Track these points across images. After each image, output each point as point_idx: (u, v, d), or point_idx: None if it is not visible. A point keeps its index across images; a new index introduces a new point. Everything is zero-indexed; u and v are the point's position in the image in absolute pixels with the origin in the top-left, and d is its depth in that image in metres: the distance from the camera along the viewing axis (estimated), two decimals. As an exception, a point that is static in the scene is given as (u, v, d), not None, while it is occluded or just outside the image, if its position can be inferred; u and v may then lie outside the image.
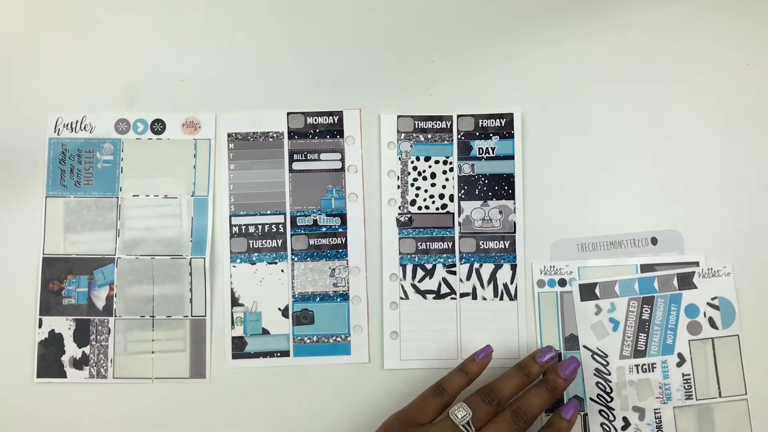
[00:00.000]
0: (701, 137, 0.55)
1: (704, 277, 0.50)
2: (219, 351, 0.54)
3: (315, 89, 0.56)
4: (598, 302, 0.50)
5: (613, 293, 0.50)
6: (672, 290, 0.50)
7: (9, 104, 0.55)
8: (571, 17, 0.56)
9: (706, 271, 0.50)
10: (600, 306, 0.50)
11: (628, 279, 0.50)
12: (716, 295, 0.50)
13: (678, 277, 0.50)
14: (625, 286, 0.50)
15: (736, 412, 0.50)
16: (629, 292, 0.50)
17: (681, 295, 0.50)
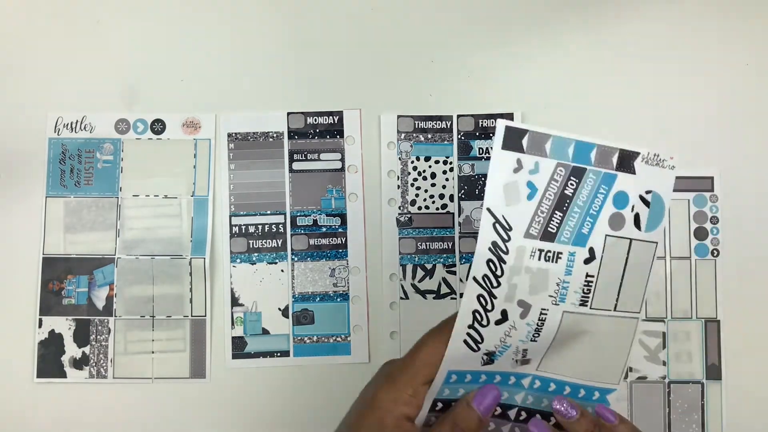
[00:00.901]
0: (701, 137, 0.55)
1: (647, 163, 0.41)
2: (219, 351, 0.54)
3: (315, 89, 0.56)
4: (521, 156, 0.38)
5: (542, 150, 0.39)
6: (608, 167, 0.40)
7: (9, 104, 0.55)
8: (571, 17, 0.56)
9: (651, 158, 0.41)
10: (522, 162, 0.38)
11: (563, 137, 0.39)
12: (651, 188, 0.42)
13: (620, 155, 0.41)
14: (558, 147, 0.39)
15: (624, 330, 0.42)
16: (561, 155, 0.39)
17: (615, 177, 0.41)
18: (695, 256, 0.54)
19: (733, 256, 0.54)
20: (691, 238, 0.54)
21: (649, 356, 0.54)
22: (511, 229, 0.38)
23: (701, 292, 0.54)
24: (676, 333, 0.54)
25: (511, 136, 0.38)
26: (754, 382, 0.53)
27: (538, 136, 0.38)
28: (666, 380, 0.53)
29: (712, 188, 0.55)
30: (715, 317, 0.54)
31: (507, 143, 0.38)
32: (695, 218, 0.54)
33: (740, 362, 0.53)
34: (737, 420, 0.53)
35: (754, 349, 0.54)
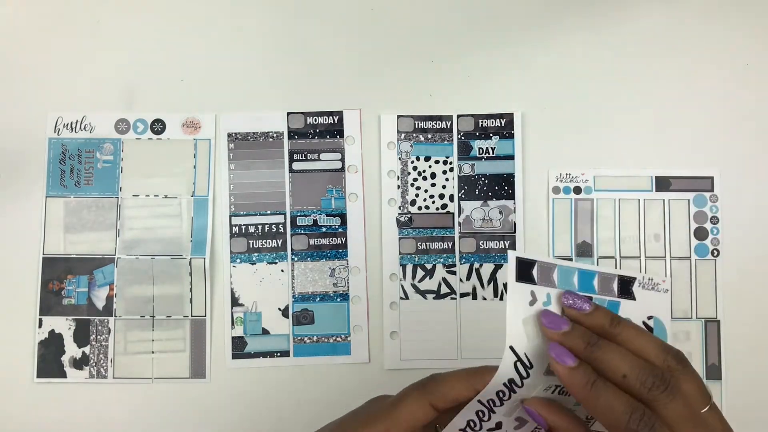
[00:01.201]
0: (701, 137, 0.55)
1: (644, 288, 0.41)
2: (219, 351, 0.54)
3: (315, 89, 0.56)
4: (534, 288, 0.37)
5: (551, 281, 0.38)
6: (611, 295, 0.40)
7: (9, 104, 0.55)
8: (571, 17, 0.56)
9: (647, 282, 0.41)
10: (536, 294, 0.37)
11: (566, 267, 0.38)
12: (651, 314, 0.41)
13: (618, 281, 0.40)
14: (564, 276, 0.38)
15: None
16: (568, 284, 0.38)
17: (619, 304, 0.40)
18: (695, 256, 0.54)
19: (733, 256, 0.54)
20: (691, 238, 0.54)
21: None
22: (531, 367, 0.37)
23: (701, 292, 0.54)
24: (676, 333, 0.54)
25: (522, 267, 0.37)
26: (754, 382, 0.53)
27: (546, 266, 0.38)
28: (666, 380, 0.53)
29: (712, 188, 0.55)
30: (715, 317, 0.54)
31: (520, 275, 0.37)
32: (695, 218, 0.54)
33: (740, 362, 0.53)
34: (737, 420, 0.53)
35: (754, 349, 0.54)
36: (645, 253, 0.54)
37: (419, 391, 0.37)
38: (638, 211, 0.55)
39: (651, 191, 0.55)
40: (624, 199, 0.55)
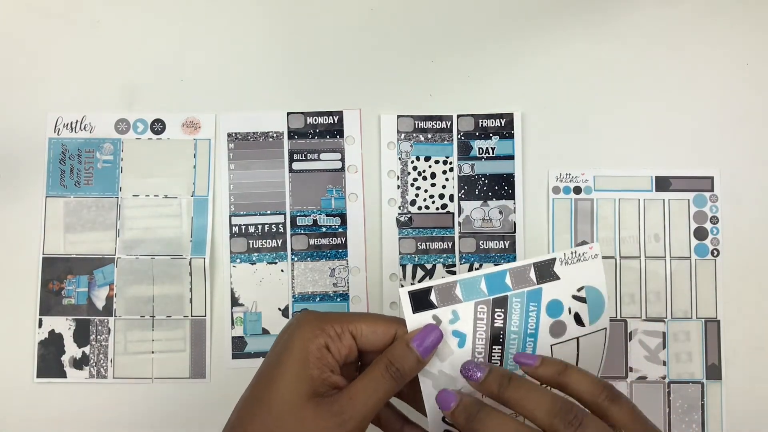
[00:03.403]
0: (701, 137, 0.55)
1: (567, 263, 0.40)
2: (219, 351, 0.54)
3: (315, 89, 0.56)
4: (435, 312, 0.38)
5: (454, 298, 0.38)
6: (529, 285, 0.39)
7: (9, 104, 0.55)
8: (571, 17, 0.56)
9: (569, 257, 0.40)
10: (439, 316, 0.38)
11: (470, 278, 0.38)
12: (582, 284, 0.40)
13: (535, 268, 0.39)
14: (469, 288, 0.38)
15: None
16: (475, 294, 0.38)
17: (540, 290, 0.39)
18: (695, 256, 0.54)
19: (733, 256, 0.54)
20: (691, 238, 0.54)
21: (649, 356, 0.54)
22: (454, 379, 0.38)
23: (701, 292, 0.54)
24: (676, 333, 0.54)
25: (417, 298, 0.38)
26: (754, 382, 0.53)
27: (444, 287, 0.38)
28: (666, 380, 0.53)
29: (712, 188, 0.55)
30: (715, 317, 0.54)
31: (417, 307, 0.38)
32: (695, 218, 0.54)
33: (740, 362, 0.53)
34: (737, 420, 0.53)
35: (754, 349, 0.54)
36: (645, 253, 0.54)
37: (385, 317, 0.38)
38: (638, 211, 0.55)
39: (651, 191, 0.55)
40: (624, 199, 0.55)
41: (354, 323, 0.37)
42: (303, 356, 0.36)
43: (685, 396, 0.53)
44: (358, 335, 0.37)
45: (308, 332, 0.37)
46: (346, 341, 0.37)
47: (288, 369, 0.36)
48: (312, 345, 0.36)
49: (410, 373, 0.37)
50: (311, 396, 0.35)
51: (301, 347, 0.36)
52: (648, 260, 0.54)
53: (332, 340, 0.37)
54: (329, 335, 0.37)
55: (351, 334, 0.37)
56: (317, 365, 0.36)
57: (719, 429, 0.53)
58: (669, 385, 0.53)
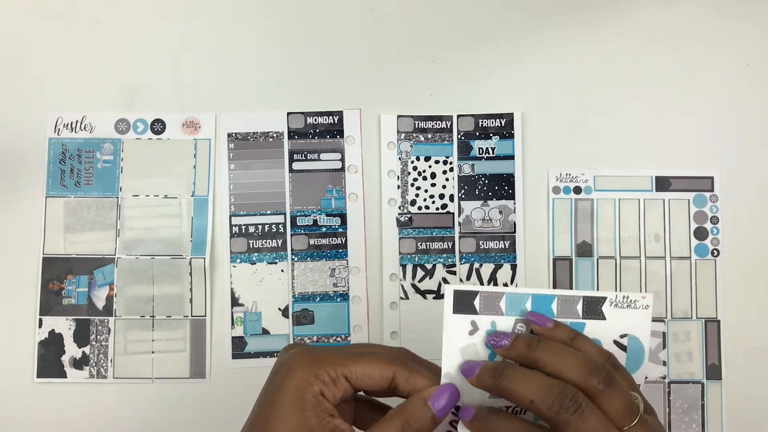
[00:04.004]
0: (701, 137, 0.55)
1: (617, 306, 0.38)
2: (219, 351, 0.54)
3: (315, 89, 0.56)
4: (475, 318, 0.36)
5: (497, 309, 0.37)
6: (574, 317, 0.38)
7: (9, 104, 0.55)
8: (571, 17, 0.56)
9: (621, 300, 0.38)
10: (477, 323, 0.37)
11: (517, 293, 0.37)
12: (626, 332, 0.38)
13: (584, 302, 0.38)
14: (514, 303, 0.37)
15: None
16: (518, 311, 0.37)
17: (584, 325, 0.38)
18: (695, 256, 0.54)
19: (733, 256, 0.54)
20: (691, 238, 0.54)
21: (649, 356, 0.53)
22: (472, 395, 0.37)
23: (701, 292, 0.54)
24: (676, 333, 0.54)
25: (461, 299, 0.37)
26: (754, 382, 0.53)
27: (490, 295, 0.37)
28: (666, 380, 0.53)
29: (712, 188, 0.55)
30: (715, 317, 0.54)
31: (458, 307, 0.37)
32: (695, 218, 0.54)
33: (740, 362, 0.53)
34: (737, 420, 0.53)
35: (754, 349, 0.54)
36: (645, 253, 0.54)
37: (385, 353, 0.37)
38: (638, 211, 0.55)
39: (651, 191, 0.55)
40: (624, 199, 0.55)
41: (348, 367, 0.36)
42: (300, 405, 0.35)
43: (685, 396, 0.53)
44: (353, 379, 0.36)
45: (301, 379, 0.35)
46: (341, 385, 0.36)
47: (286, 420, 0.35)
48: (307, 393, 0.35)
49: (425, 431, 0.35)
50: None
51: (296, 395, 0.35)
52: (648, 260, 0.54)
53: (326, 386, 0.35)
54: (323, 381, 0.35)
55: (345, 378, 0.36)
56: (315, 413, 0.35)
57: (719, 429, 0.53)
58: (669, 385, 0.53)
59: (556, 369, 0.34)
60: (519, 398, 0.33)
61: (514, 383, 0.34)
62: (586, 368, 0.33)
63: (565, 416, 0.32)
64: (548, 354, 0.35)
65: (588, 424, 0.32)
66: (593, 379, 0.33)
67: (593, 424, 0.32)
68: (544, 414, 0.33)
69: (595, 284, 0.54)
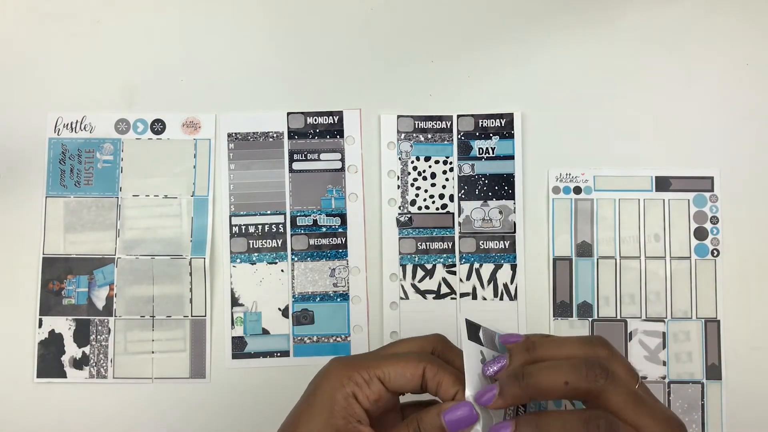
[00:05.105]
0: (701, 137, 0.55)
1: None
2: (219, 351, 0.54)
3: (315, 89, 0.56)
4: (483, 349, 0.38)
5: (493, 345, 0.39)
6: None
7: (9, 104, 0.55)
8: (571, 17, 0.56)
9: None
10: (484, 354, 0.38)
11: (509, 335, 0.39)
12: None
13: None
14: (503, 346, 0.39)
15: None
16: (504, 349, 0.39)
17: None
18: (695, 256, 0.54)
19: (733, 256, 0.54)
20: (691, 238, 0.54)
21: (649, 356, 0.54)
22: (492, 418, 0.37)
23: (701, 292, 0.54)
24: (676, 333, 0.54)
25: (471, 328, 0.38)
26: (754, 382, 0.53)
27: (488, 331, 0.39)
28: (666, 380, 0.53)
29: (712, 188, 0.55)
30: (715, 317, 0.54)
31: (470, 335, 0.38)
32: (695, 218, 0.54)
33: (740, 362, 0.53)
34: (737, 420, 0.53)
35: (754, 349, 0.54)
36: (645, 253, 0.54)
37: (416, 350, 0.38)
38: (638, 211, 0.55)
39: (651, 191, 0.55)
40: (624, 199, 0.55)
41: (381, 368, 0.37)
42: (329, 406, 0.36)
43: (685, 396, 0.53)
44: (386, 380, 0.37)
45: (335, 381, 0.37)
46: (375, 387, 0.37)
47: (313, 418, 0.36)
48: (338, 394, 0.36)
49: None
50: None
51: (327, 396, 0.36)
52: (648, 260, 0.54)
53: (359, 388, 0.36)
54: (356, 383, 0.36)
55: (379, 379, 0.37)
56: (342, 415, 0.36)
57: (719, 429, 0.53)
58: (669, 385, 0.53)
59: (564, 354, 0.35)
60: (552, 386, 0.34)
61: (541, 375, 0.34)
62: (588, 343, 0.35)
63: (602, 382, 0.33)
64: (549, 347, 0.36)
65: (619, 385, 0.34)
66: (598, 348, 0.35)
67: (622, 384, 0.34)
68: (583, 387, 0.33)
69: (595, 284, 0.54)
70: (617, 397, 0.33)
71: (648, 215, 0.55)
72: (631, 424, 0.33)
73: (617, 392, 0.33)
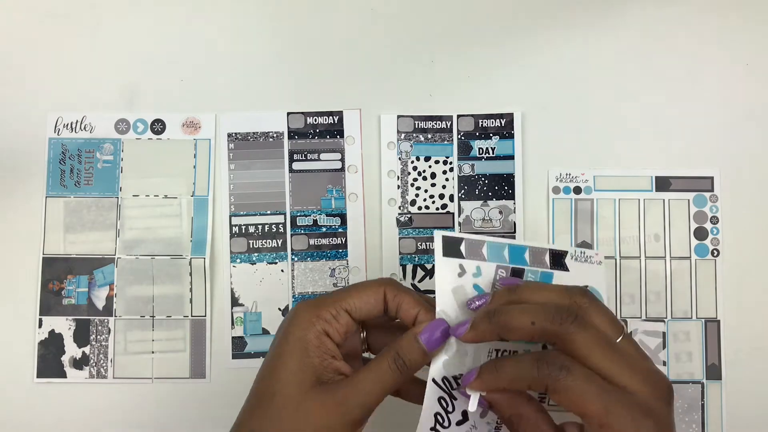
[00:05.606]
0: (701, 137, 0.55)
1: (576, 260, 0.43)
2: (219, 351, 0.54)
3: (315, 89, 0.56)
4: (462, 262, 0.40)
5: (480, 255, 0.40)
6: (543, 267, 0.42)
7: (9, 104, 0.55)
8: (571, 17, 0.56)
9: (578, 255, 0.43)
10: (465, 267, 0.40)
11: (496, 243, 0.41)
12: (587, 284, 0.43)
13: (550, 254, 0.42)
14: (494, 251, 0.41)
15: None
16: (498, 258, 0.41)
17: (552, 275, 0.42)
18: (695, 256, 0.54)
19: (733, 256, 0.54)
20: (691, 238, 0.54)
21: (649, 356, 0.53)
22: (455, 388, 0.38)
23: (701, 292, 0.54)
24: (676, 333, 0.54)
25: (449, 244, 0.40)
26: (754, 382, 0.53)
27: (474, 242, 0.40)
28: (666, 380, 0.53)
29: (712, 188, 0.55)
30: (715, 317, 0.54)
31: (447, 251, 0.40)
32: (695, 218, 0.54)
33: (740, 362, 0.53)
34: (737, 420, 0.53)
35: (754, 349, 0.54)
36: (645, 253, 0.54)
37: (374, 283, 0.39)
38: (638, 211, 0.55)
39: (651, 191, 0.55)
40: (624, 199, 0.55)
41: (346, 299, 0.38)
42: (302, 346, 0.36)
43: (685, 396, 0.53)
44: (353, 310, 0.38)
45: (305, 322, 0.37)
46: (343, 320, 0.38)
47: (289, 360, 0.36)
48: (310, 333, 0.37)
49: (416, 366, 0.37)
50: (314, 384, 0.36)
51: (299, 337, 0.37)
52: (648, 260, 0.54)
53: (329, 324, 0.37)
54: (325, 320, 0.37)
55: (346, 311, 0.38)
56: (317, 353, 0.36)
57: (719, 429, 0.53)
58: (669, 385, 0.53)
59: (541, 299, 0.36)
60: (520, 325, 0.35)
61: (511, 314, 0.35)
62: (567, 292, 0.36)
63: (567, 326, 0.34)
64: (529, 291, 0.37)
65: (588, 331, 0.34)
66: (577, 297, 0.35)
67: (592, 330, 0.34)
68: (549, 329, 0.34)
69: (595, 284, 0.54)
70: (584, 343, 0.34)
71: (648, 215, 0.55)
72: (598, 371, 0.33)
73: (584, 337, 0.34)
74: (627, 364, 0.34)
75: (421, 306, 0.38)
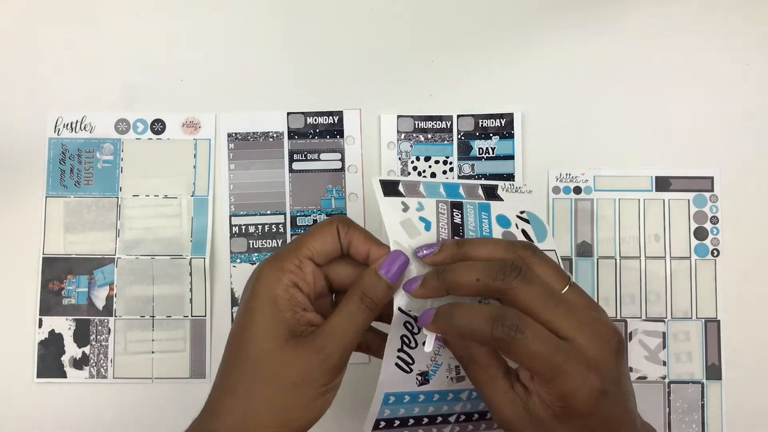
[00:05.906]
0: (701, 137, 0.55)
1: (507, 191, 0.46)
2: (219, 351, 0.53)
3: (315, 89, 0.56)
4: (404, 199, 0.42)
5: (418, 193, 0.43)
6: (479, 199, 0.45)
7: (9, 104, 0.55)
8: (571, 17, 0.56)
9: (508, 187, 0.46)
10: (407, 203, 0.42)
11: (430, 182, 0.44)
12: (524, 209, 0.46)
13: (483, 188, 0.45)
14: (431, 189, 0.43)
15: None
16: (435, 194, 0.43)
17: (489, 205, 0.45)
18: (695, 256, 0.54)
19: (733, 256, 0.54)
20: (691, 238, 0.54)
21: (649, 356, 0.54)
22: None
23: (701, 292, 0.54)
24: (676, 333, 0.54)
25: (387, 186, 0.42)
26: (754, 382, 0.53)
27: (410, 183, 0.43)
28: (666, 380, 0.53)
29: (712, 188, 0.55)
30: (715, 317, 0.54)
31: (387, 191, 0.42)
32: (695, 218, 0.54)
33: (740, 362, 0.53)
34: (737, 420, 0.53)
35: (754, 349, 0.54)
36: (645, 253, 0.54)
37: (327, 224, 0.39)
38: (638, 211, 0.55)
39: (651, 191, 0.55)
40: (624, 199, 0.55)
41: (305, 245, 0.38)
42: (272, 302, 0.36)
43: (685, 396, 0.53)
44: (314, 255, 0.38)
45: (271, 277, 0.37)
46: (307, 268, 0.38)
47: (260, 317, 0.36)
48: (278, 288, 0.37)
49: (383, 299, 0.38)
50: (289, 338, 0.36)
51: (267, 293, 0.37)
52: (648, 260, 0.54)
53: (295, 275, 0.37)
54: (291, 271, 0.37)
55: (309, 258, 0.38)
56: (288, 307, 0.36)
57: (719, 429, 0.53)
58: (669, 385, 0.53)
59: (487, 255, 0.37)
60: (466, 283, 0.36)
61: (458, 272, 0.36)
62: (511, 246, 0.38)
63: (510, 281, 0.35)
64: (475, 246, 0.38)
65: (533, 285, 0.35)
66: (520, 251, 0.37)
67: (537, 284, 0.35)
68: (492, 286, 0.35)
69: (595, 284, 0.54)
70: (527, 296, 0.34)
71: (648, 215, 0.55)
72: (543, 323, 0.34)
73: (528, 290, 0.34)
74: (573, 316, 0.34)
75: (371, 242, 0.39)
